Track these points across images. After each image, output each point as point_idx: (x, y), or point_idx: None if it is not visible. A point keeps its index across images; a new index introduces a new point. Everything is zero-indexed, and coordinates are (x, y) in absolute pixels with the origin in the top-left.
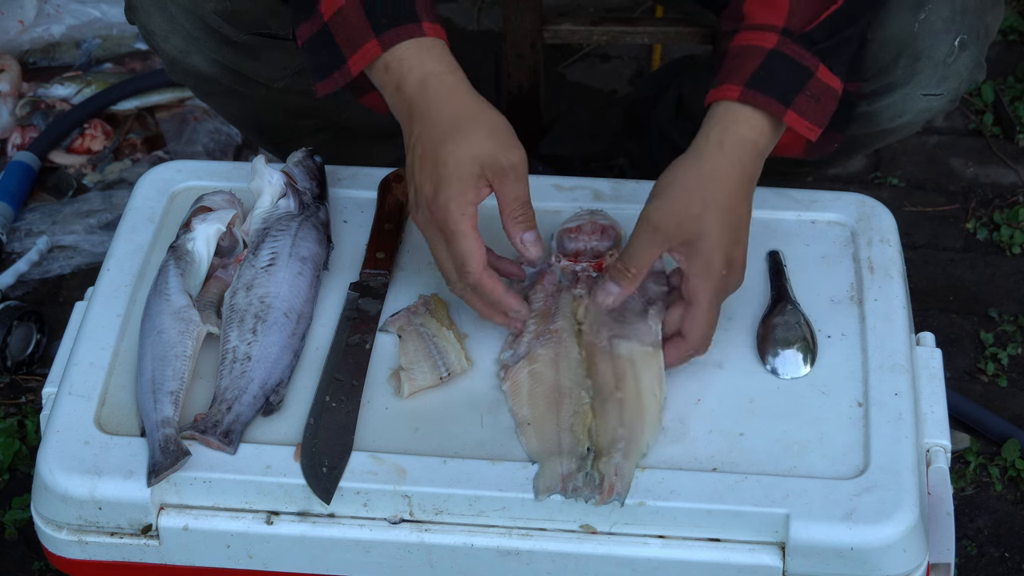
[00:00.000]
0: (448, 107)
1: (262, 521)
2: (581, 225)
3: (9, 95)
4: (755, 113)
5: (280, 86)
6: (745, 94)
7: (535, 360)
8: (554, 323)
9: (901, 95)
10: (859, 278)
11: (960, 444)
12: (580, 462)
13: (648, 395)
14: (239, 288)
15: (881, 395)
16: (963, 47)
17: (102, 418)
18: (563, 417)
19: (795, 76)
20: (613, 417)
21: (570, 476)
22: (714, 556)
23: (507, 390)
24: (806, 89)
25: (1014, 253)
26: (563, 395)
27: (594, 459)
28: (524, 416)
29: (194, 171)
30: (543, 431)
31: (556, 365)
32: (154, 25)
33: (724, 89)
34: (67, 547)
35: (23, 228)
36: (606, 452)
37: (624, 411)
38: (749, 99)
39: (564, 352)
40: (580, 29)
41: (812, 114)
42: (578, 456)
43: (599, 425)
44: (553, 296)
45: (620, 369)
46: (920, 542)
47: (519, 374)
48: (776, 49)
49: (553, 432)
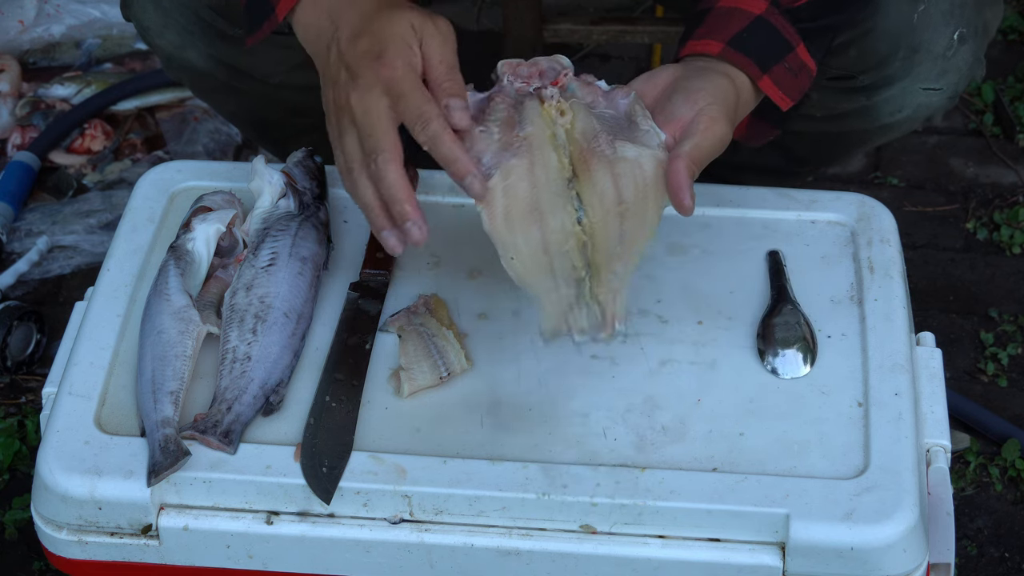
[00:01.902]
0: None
1: (262, 521)
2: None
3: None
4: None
5: (276, 81)
6: (726, 51)
7: (508, 174)
8: (522, 130)
9: (900, 88)
10: (859, 278)
11: (960, 444)
12: (578, 288)
13: (652, 199)
14: (239, 288)
15: (881, 395)
16: (962, 41)
17: (102, 418)
18: (550, 237)
19: (776, 45)
20: (612, 232)
21: (571, 311)
22: (714, 556)
23: (480, 210)
24: (785, 60)
25: (1014, 253)
26: (546, 211)
27: (590, 284)
28: (504, 240)
29: (194, 171)
30: (530, 256)
31: (532, 176)
32: (149, 20)
33: (705, 43)
34: (67, 547)
35: (23, 228)
36: (603, 273)
37: (624, 224)
38: (728, 56)
39: (540, 160)
40: (580, 29)
41: (787, 85)
42: (576, 281)
43: (595, 242)
44: (514, 107)
45: (625, 175)
46: (920, 542)
47: (493, 192)
48: (763, 16)
49: (542, 256)
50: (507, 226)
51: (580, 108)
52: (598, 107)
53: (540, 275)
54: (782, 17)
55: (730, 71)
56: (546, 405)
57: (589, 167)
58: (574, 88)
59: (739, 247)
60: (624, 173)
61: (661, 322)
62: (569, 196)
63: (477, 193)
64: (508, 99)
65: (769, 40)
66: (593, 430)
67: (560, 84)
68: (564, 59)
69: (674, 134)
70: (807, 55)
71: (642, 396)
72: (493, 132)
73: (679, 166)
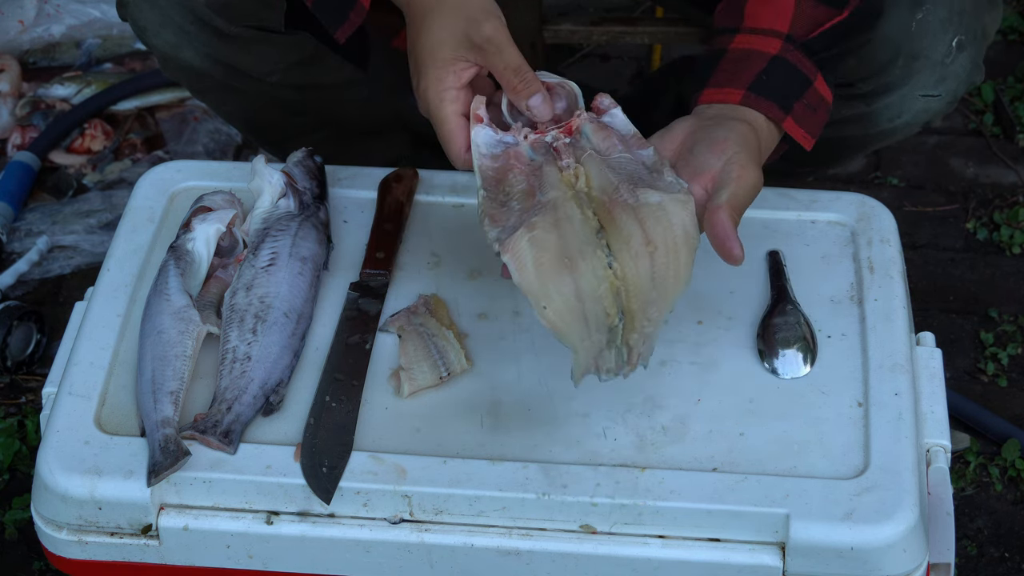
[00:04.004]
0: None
1: (262, 521)
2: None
3: (9, 95)
4: (755, 115)
5: (273, 80)
6: (747, 98)
7: (533, 228)
8: (544, 195)
9: (899, 95)
10: (859, 278)
11: (960, 444)
12: (610, 334)
13: (683, 244)
14: (239, 288)
15: (881, 395)
16: (961, 48)
17: (102, 418)
18: (583, 283)
19: (796, 83)
20: (644, 274)
21: (601, 355)
22: (714, 556)
23: (508, 261)
24: (804, 97)
25: (1014, 253)
26: (576, 258)
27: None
28: (535, 291)
29: (194, 171)
30: (563, 304)
31: (559, 229)
32: (145, 20)
33: (726, 93)
34: (67, 547)
35: (23, 228)
36: (638, 319)
37: (656, 266)
38: (750, 102)
39: (565, 216)
40: (580, 29)
41: (808, 123)
42: (608, 328)
43: (628, 287)
44: (534, 174)
45: (650, 218)
46: (920, 542)
47: (519, 242)
48: (779, 56)
49: (575, 303)
50: (538, 276)
51: (592, 164)
52: (614, 153)
53: (574, 323)
54: (798, 52)
55: (748, 115)
56: (546, 405)
57: (613, 216)
58: (588, 132)
59: None
60: (649, 216)
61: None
62: (598, 243)
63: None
64: (523, 166)
65: (788, 78)
66: (593, 430)
67: (574, 128)
68: (573, 86)
69: (705, 186)
70: (824, 86)
71: (642, 396)
72: (514, 208)
73: (722, 216)
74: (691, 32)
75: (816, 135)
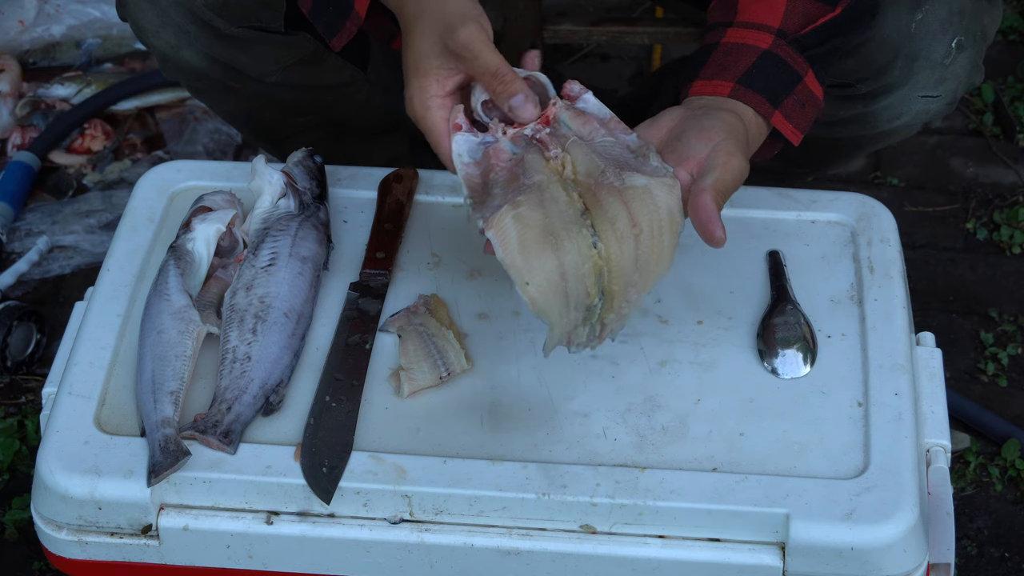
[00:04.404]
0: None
1: (262, 521)
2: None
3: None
4: (743, 108)
5: (273, 80)
6: (736, 91)
7: (518, 205)
8: (528, 179)
9: (899, 96)
10: (859, 278)
11: (960, 444)
12: (587, 312)
13: (668, 228)
14: (239, 288)
15: (881, 395)
16: (960, 48)
17: (102, 418)
18: (567, 261)
19: (785, 78)
20: (628, 257)
21: (576, 330)
22: (714, 556)
23: (492, 236)
24: (794, 93)
25: (1014, 253)
26: (561, 235)
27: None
28: (518, 267)
29: (194, 171)
30: (546, 281)
31: (543, 207)
32: (145, 20)
33: (715, 85)
34: (67, 547)
35: (23, 228)
36: (617, 300)
37: (640, 249)
38: (739, 95)
39: (551, 196)
40: (580, 29)
41: (796, 118)
42: (586, 307)
43: (611, 268)
44: (517, 166)
45: (636, 200)
46: (920, 542)
47: (503, 219)
48: (770, 50)
49: (558, 280)
50: (522, 252)
51: (578, 149)
52: (596, 137)
53: (555, 300)
54: (789, 47)
55: (737, 107)
56: (546, 405)
57: (599, 199)
58: (565, 119)
59: (739, 247)
60: (635, 198)
61: (661, 322)
62: (583, 223)
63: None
64: (505, 161)
65: (778, 73)
66: (593, 430)
67: (551, 116)
68: (540, 76)
69: (691, 171)
70: (815, 82)
71: (642, 396)
72: (497, 193)
73: (706, 199)
74: (691, 32)
75: (805, 131)
